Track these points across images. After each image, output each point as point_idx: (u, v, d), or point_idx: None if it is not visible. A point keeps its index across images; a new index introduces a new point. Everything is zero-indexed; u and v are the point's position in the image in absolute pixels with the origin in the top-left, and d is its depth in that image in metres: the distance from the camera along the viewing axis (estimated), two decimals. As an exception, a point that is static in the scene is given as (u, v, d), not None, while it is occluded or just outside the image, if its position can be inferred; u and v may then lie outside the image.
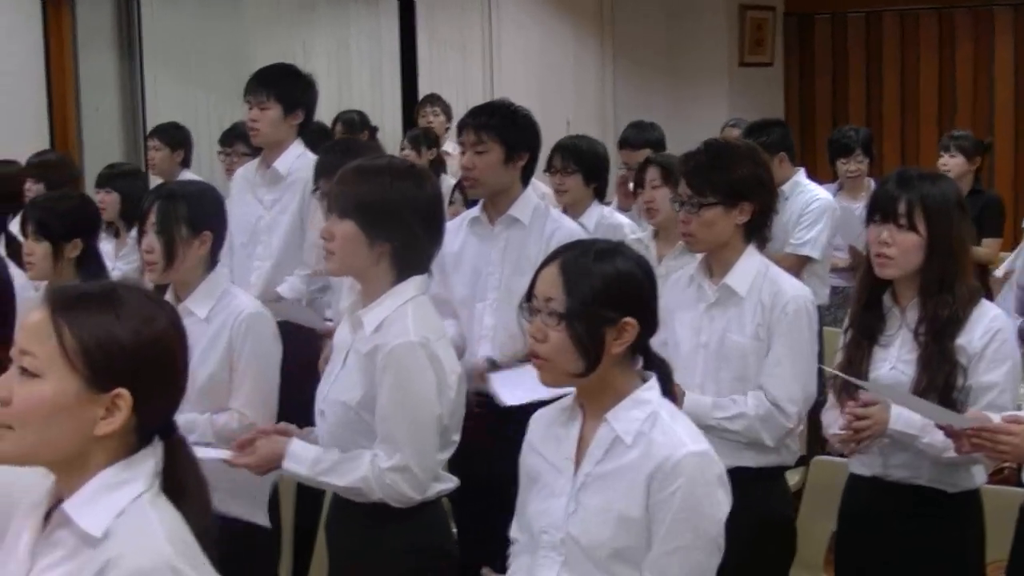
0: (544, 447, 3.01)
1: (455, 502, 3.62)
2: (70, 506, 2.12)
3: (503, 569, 3.12)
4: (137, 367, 2.13)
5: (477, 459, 3.74)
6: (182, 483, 2.19)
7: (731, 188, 3.91)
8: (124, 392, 2.11)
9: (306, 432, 3.54)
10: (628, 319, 2.85)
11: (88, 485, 2.12)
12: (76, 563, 2.09)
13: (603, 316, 2.83)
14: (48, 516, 2.19)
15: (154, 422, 2.19)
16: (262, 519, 4.03)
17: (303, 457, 3.39)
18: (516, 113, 4.57)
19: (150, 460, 2.17)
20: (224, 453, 3.41)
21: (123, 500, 2.11)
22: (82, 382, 2.10)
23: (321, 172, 4.79)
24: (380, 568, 3.24)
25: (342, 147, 5.09)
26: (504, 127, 4.48)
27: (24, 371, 2.12)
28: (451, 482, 3.48)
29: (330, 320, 5.09)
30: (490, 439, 3.78)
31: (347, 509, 3.45)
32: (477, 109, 4.67)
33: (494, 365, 4.43)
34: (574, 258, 2.88)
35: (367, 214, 3.35)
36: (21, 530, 2.21)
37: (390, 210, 3.35)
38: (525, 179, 4.60)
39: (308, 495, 4.53)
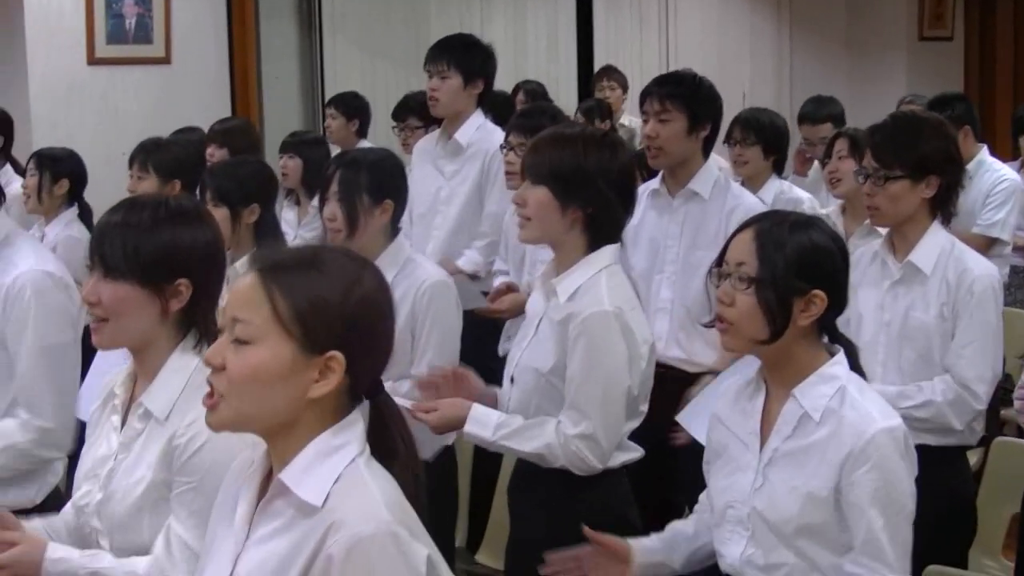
0: (731, 420, 3.00)
1: (636, 471, 3.60)
2: (288, 476, 2.11)
3: None
4: (349, 328, 2.11)
5: (660, 428, 3.73)
6: (393, 444, 2.17)
7: (918, 161, 3.84)
8: (337, 355, 2.10)
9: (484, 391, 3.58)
10: (817, 291, 2.82)
11: (303, 453, 2.11)
12: (297, 532, 2.08)
13: (793, 285, 2.81)
14: (263, 484, 2.18)
15: (364, 383, 2.17)
16: None
17: (486, 421, 3.41)
18: (701, 83, 4.54)
19: (360, 422, 2.16)
20: (407, 403, 3.37)
21: (339, 466, 2.10)
22: (296, 346, 2.09)
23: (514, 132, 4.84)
24: (562, 535, 3.23)
25: (537, 111, 5.11)
26: (689, 96, 4.45)
27: (237, 338, 2.11)
28: (636, 452, 3.49)
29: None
30: (673, 409, 3.77)
31: (531, 475, 3.47)
32: (662, 78, 4.66)
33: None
34: (770, 227, 2.87)
35: (561, 181, 3.37)
36: (237, 499, 2.21)
37: (583, 177, 3.36)
38: (706, 151, 4.57)
39: (484, 462, 4.58)
